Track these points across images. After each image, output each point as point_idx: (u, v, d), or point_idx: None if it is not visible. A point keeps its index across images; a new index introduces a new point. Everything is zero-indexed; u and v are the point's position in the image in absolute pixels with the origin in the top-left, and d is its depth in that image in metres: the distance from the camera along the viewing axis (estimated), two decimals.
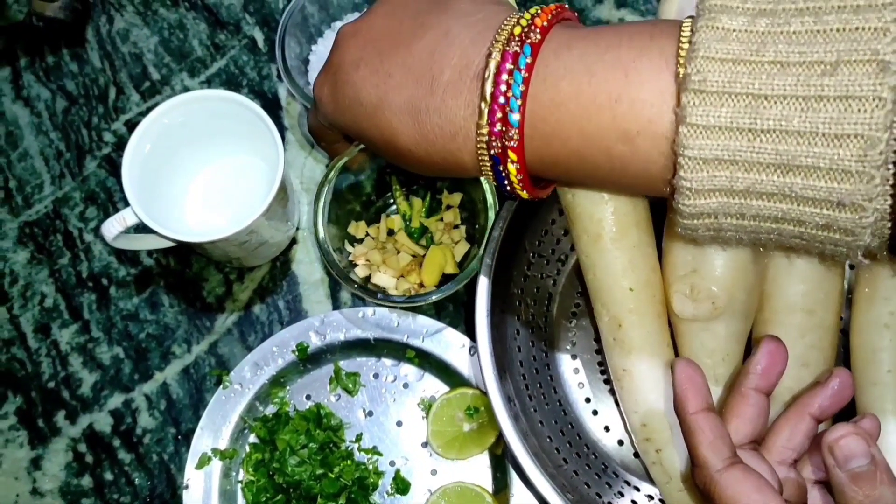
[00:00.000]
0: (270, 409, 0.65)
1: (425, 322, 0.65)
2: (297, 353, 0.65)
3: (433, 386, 0.66)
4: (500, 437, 0.62)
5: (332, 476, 0.62)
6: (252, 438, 0.65)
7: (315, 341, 0.65)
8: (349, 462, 0.63)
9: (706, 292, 0.54)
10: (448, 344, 0.64)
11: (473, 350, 0.64)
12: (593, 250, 0.55)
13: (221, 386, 0.65)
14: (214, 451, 0.63)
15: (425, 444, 0.65)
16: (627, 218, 0.54)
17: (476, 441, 0.63)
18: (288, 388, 0.66)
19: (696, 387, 0.48)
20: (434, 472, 0.64)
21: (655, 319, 0.56)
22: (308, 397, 0.66)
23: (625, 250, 0.54)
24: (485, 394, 0.59)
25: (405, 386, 0.66)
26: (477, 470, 0.64)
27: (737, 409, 0.50)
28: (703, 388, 0.48)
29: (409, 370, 0.66)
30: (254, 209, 0.59)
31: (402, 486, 0.64)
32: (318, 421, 0.63)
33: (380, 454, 0.65)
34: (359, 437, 0.65)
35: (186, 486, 0.63)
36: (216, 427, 0.64)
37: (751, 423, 0.50)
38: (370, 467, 0.64)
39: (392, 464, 0.65)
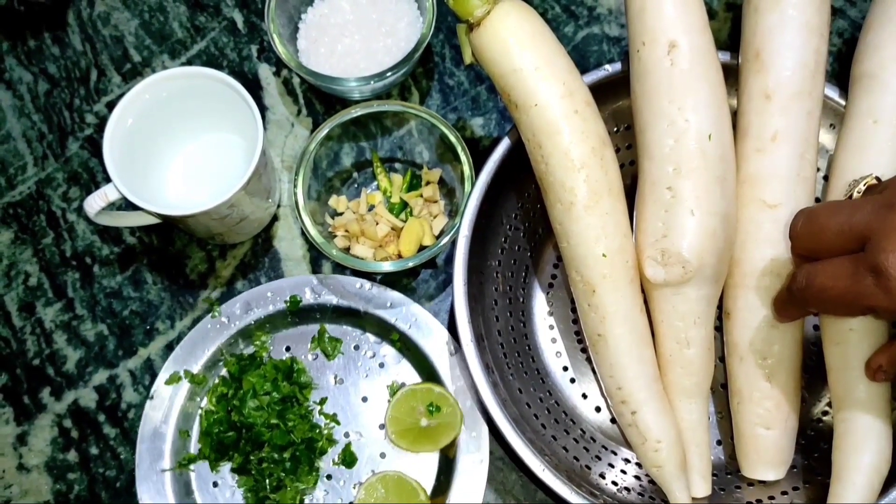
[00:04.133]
0: (249, 350, 0.67)
1: (417, 311, 0.66)
2: (288, 304, 0.66)
3: (407, 374, 0.67)
4: (454, 442, 0.63)
5: (283, 429, 0.63)
6: (223, 371, 0.66)
7: (309, 297, 0.66)
8: (304, 423, 0.64)
9: (677, 257, 0.55)
10: (433, 338, 0.65)
11: (455, 350, 0.65)
12: (566, 218, 0.57)
13: (210, 315, 0.66)
14: (186, 372, 0.65)
15: (383, 426, 0.66)
16: (599, 185, 0.56)
17: (430, 438, 0.64)
18: (272, 334, 0.67)
19: None
20: (383, 455, 0.65)
21: (628, 285, 0.57)
22: (287, 349, 0.67)
23: (597, 217, 0.56)
24: (454, 398, 0.63)
25: (381, 365, 0.67)
26: (424, 466, 0.64)
27: None
28: None
29: (389, 351, 0.67)
30: (234, 184, 0.60)
31: (349, 459, 0.64)
32: (288, 374, 0.65)
33: (338, 423, 0.65)
34: (323, 401, 0.66)
35: (151, 397, 0.65)
36: (195, 351, 0.66)
37: None
38: (325, 432, 0.65)
39: (346, 435, 0.65)
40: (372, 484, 0.63)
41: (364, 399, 0.66)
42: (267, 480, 0.62)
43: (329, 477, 0.65)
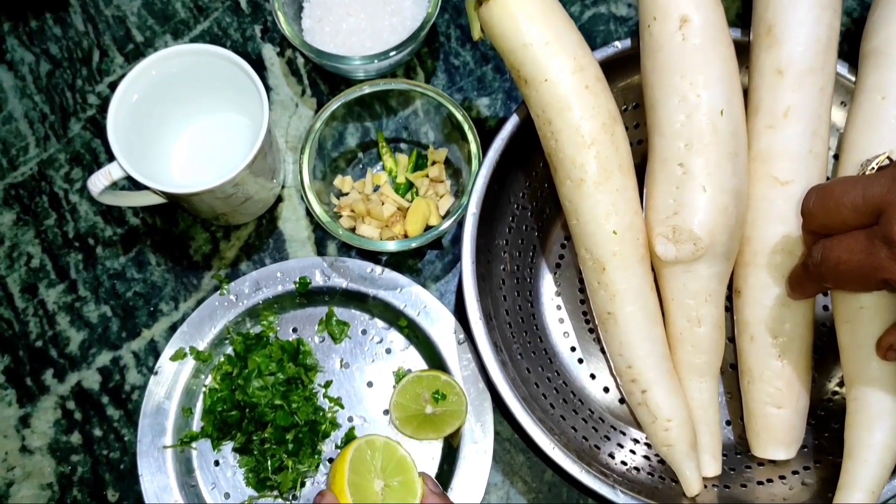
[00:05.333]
0: (256, 329, 0.66)
1: (427, 298, 0.65)
2: (297, 285, 0.66)
3: (414, 360, 0.66)
4: (459, 431, 0.63)
5: (287, 411, 0.62)
6: (229, 350, 0.66)
7: (318, 280, 0.66)
8: (308, 405, 0.63)
9: (688, 234, 0.55)
10: (441, 325, 0.65)
11: (464, 339, 0.64)
12: (576, 195, 0.56)
13: (219, 292, 0.66)
14: (192, 349, 0.65)
15: (387, 412, 0.65)
16: (610, 162, 0.55)
17: (434, 426, 0.63)
18: (280, 315, 0.66)
19: None
20: None
21: (639, 262, 0.57)
22: (294, 330, 0.66)
23: (608, 194, 0.55)
24: (460, 386, 0.62)
25: (388, 351, 0.66)
26: (427, 454, 0.64)
27: None
28: None
29: (396, 337, 0.67)
30: (239, 163, 0.60)
31: None
32: (294, 355, 0.64)
33: (342, 406, 0.65)
34: (328, 384, 0.65)
35: (156, 372, 0.64)
36: (201, 328, 0.65)
37: None
38: (329, 415, 0.64)
39: (350, 420, 0.65)
40: (361, 447, 0.60)
41: (369, 384, 0.66)
42: (269, 461, 0.62)
43: (331, 460, 0.64)
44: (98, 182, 0.60)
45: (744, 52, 0.60)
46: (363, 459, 0.60)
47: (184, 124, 0.67)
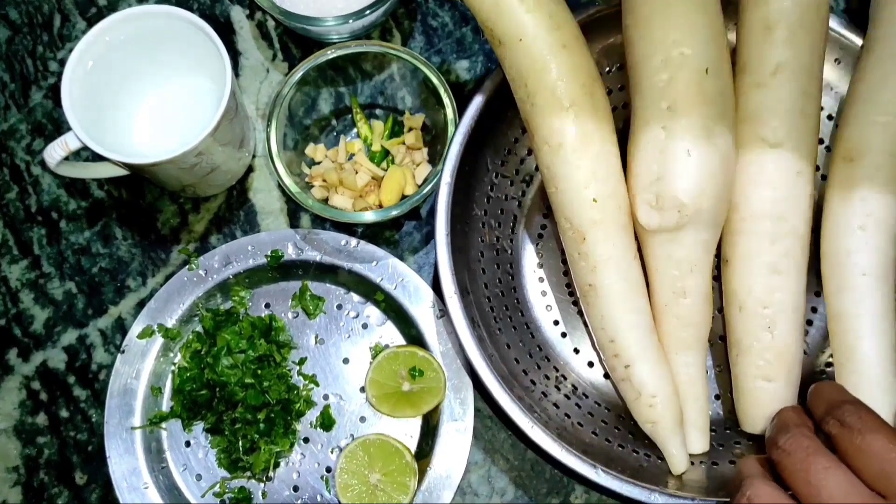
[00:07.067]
0: (227, 305, 0.64)
1: (405, 271, 0.63)
2: (269, 259, 0.63)
3: (391, 335, 0.64)
4: (438, 408, 0.60)
5: (258, 389, 0.60)
6: (199, 327, 0.63)
7: (291, 253, 0.63)
8: (281, 383, 0.61)
9: (672, 201, 0.52)
10: (419, 299, 0.62)
11: (442, 312, 0.62)
12: (554, 161, 0.53)
13: (187, 267, 0.63)
14: (160, 326, 0.62)
15: (364, 389, 0.63)
16: (589, 126, 0.52)
17: (412, 404, 0.61)
18: (251, 290, 0.64)
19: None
20: (363, 420, 0.62)
21: (621, 231, 0.54)
22: (267, 306, 0.64)
23: (587, 159, 0.53)
24: (438, 363, 0.60)
25: (364, 326, 0.64)
26: (405, 431, 0.62)
27: None
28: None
29: (373, 312, 0.64)
30: (200, 131, 0.57)
31: (327, 422, 0.62)
32: (266, 332, 0.62)
33: (317, 384, 0.63)
34: (302, 361, 0.63)
35: (123, 351, 0.62)
36: (169, 305, 0.63)
37: None
38: (303, 394, 0.62)
39: (325, 398, 0.63)
40: (352, 450, 0.60)
41: (345, 360, 0.63)
42: (240, 441, 0.60)
43: (306, 440, 0.62)
44: (54, 153, 0.58)
45: (731, 7, 0.56)
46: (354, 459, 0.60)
47: (145, 91, 0.64)
